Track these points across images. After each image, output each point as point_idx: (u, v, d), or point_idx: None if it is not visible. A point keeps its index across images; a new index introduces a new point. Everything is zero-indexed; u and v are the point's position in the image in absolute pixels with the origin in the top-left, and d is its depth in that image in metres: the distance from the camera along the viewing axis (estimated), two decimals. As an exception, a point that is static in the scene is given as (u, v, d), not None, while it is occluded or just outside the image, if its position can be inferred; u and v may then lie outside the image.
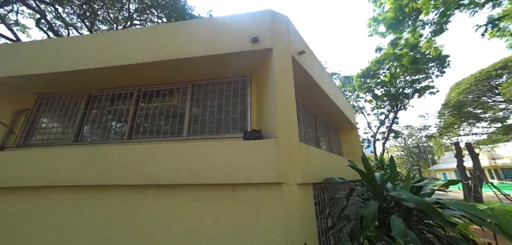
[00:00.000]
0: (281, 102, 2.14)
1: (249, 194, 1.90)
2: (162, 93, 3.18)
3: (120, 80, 3.14)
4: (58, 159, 2.34)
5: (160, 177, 2.05)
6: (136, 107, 3.19)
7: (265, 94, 2.55)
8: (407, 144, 29.99)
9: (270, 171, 1.89)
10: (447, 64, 14.78)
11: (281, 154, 1.93)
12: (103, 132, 3.22)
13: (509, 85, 15.95)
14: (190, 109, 3.00)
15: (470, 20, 9.65)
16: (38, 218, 2.19)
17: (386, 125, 19.31)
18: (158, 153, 2.15)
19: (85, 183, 2.18)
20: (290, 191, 1.85)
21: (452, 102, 19.36)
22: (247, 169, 1.94)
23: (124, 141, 2.99)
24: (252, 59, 2.60)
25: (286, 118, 2.09)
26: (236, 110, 2.86)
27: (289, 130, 2.05)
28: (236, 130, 2.76)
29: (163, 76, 3.04)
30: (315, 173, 2.35)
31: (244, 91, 2.90)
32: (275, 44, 2.39)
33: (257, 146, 2.01)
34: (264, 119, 2.49)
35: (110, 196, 2.12)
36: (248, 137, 2.29)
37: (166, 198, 2.02)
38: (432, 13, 8.08)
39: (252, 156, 1.97)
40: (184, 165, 2.05)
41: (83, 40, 3.13)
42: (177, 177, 2.03)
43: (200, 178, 1.98)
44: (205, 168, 2.01)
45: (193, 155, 2.08)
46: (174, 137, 2.89)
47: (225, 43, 2.50)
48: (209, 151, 2.06)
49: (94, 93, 3.38)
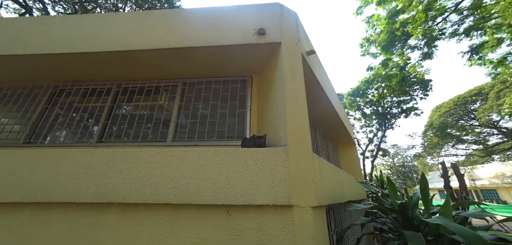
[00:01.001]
0: (292, 105, 1.78)
1: (249, 221, 1.43)
2: (146, 89, 2.70)
3: (96, 71, 2.63)
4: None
5: (129, 192, 1.52)
6: (113, 105, 2.66)
7: (269, 96, 2.18)
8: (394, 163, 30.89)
9: (278, 190, 1.45)
10: (430, 87, 15.85)
11: (292, 167, 1.51)
12: (66, 132, 2.61)
13: (484, 110, 17.26)
14: (179, 110, 2.54)
15: (456, 46, 10.52)
16: None
17: (374, 143, 19.80)
18: (130, 160, 1.63)
19: (21, 199, 1.57)
20: (304, 216, 1.41)
21: (436, 123, 20.48)
22: (247, 185, 1.49)
23: (91, 145, 2.41)
24: (256, 55, 2.27)
25: (298, 123, 1.72)
26: (233, 114, 2.45)
27: (301, 138, 1.66)
28: (232, 137, 2.33)
29: (150, 69, 2.58)
30: (327, 192, 1.94)
31: (244, 92, 2.52)
32: (284, 39, 2.09)
33: (261, 155, 1.58)
34: (266, 125, 2.10)
35: (53, 218, 1.52)
36: (248, 145, 1.87)
37: (135, 222, 1.48)
38: (420, 40, 8.59)
39: (254, 169, 1.54)
40: (164, 177, 1.55)
41: (52, 21, 2.63)
42: (152, 194, 1.51)
43: (183, 195, 1.49)
44: (191, 182, 1.52)
45: (176, 165, 1.59)
46: (156, 142, 2.38)
47: (226, 34, 2.16)
48: (198, 160, 1.60)
49: (62, 85, 2.81)
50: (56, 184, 1.58)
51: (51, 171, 1.63)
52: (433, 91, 15.64)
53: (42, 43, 2.38)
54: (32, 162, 1.71)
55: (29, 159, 1.73)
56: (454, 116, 20.11)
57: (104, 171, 1.60)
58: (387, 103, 16.95)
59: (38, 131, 2.54)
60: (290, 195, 1.45)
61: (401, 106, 16.54)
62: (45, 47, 2.34)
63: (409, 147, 28.11)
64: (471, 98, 18.88)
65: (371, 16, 9.44)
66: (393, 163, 30.87)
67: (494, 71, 9.02)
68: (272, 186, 1.47)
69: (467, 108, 19.45)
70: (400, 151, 30.75)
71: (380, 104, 17.12)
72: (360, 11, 9.67)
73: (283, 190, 1.46)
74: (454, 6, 7.79)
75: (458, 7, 7.85)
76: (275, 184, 1.48)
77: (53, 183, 1.59)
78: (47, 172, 1.63)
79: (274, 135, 1.85)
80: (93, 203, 1.51)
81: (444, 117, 20.37)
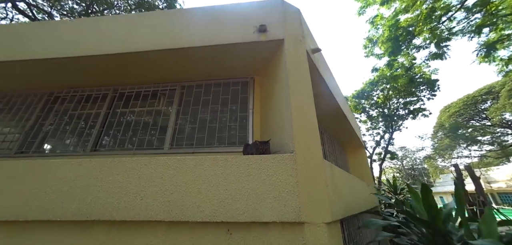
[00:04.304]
0: (298, 105, 1.59)
1: (252, 241, 1.22)
2: (143, 94, 2.57)
3: (91, 76, 2.52)
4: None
5: (117, 208, 1.34)
6: (109, 111, 2.54)
7: (272, 98, 2.01)
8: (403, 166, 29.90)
9: (286, 203, 1.25)
10: (437, 87, 15.37)
11: (301, 176, 1.31)
12: (59, 141, 2.49)
13: (496, 109, 16.56)
14: (177, 115, 2.39)
15: (458, 45, 10.15)
16: None
17: (381, 146, 19.21)
18: (119, 172, 1.46)
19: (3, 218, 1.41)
20: (317, 234, 1.20)
21: (446, 123, 19.79)
22: (250, 199, 1.29)
23: (84, 154, 2.27)
24: (257, 54, 2.11)
25: (305, 126, 1.53)
26: (234, 118, 2.28)
27: (310, 142, 1.46)
28: (233, 143, 2.15)
29: (147, 73, 2.46)
30: (341, 203, 1.71)
31: (245, 94, 2.36)
32: (287, 35, 1.92)
33: (265, 164, 1.39)
34: (271, 129, 1.91)
35: (31, 239, 1.35)
36: (250, 151, 1.68)
37: (123, 243, 1.30)
38: (426, 41, 8.33)
39: (258, 179, 1.35)
40: (156, 190, 1.38)
41: (44, 26, 2.56)
42: (143, 210, 1.33)
43: (178, 212, 1.30)
44: (186, 195, 1.34)
45: (170, 176, 1.41)
46: (153, 150, 2.22)
47: (225, 33, 2.02)
48: (194, 170, 1.42)
49: (58, 92, 2.71)
50: (36, 199, 1.43)
51: (32, 185, 1.48)
52: (440, 91, 15.20)
53: (36, 48, 2.30)
54: (16, 175, 1.56)
55: (13, 171, 1.59)
56: (464, 116, 19.38)
57: (92, 184, 1.43)
58: (393, 105, 16.53)
59: (30, 140, 2.42)
60: (300, 209, 1.24)
61: (408, 107, 16.07)
62: (39, 53, 2.26)
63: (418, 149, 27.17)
64: (481, 97, 18.19)
65: (374, 17, 9.27)
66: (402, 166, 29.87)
67: (505, 68, 8.64)
68: (279, 199, 1.27)
69: (478, 107, 18.73)
70: (409, 154, 29.76)
71: (386, 106, 16.70)
72: (363, 12, 9.55)
73: (292, 203, 1.25)
74: (460, 4, 7.54)
75: (464, 4, 7.59)
76: (282, 197, 1.28)
77: (32, 199, 1.43)
78: (29, 186, 1.48)
79: (280, 140, 1.66)
80: (77, 221, 1.34)
81: (454, 117, 19.66)
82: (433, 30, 7.84)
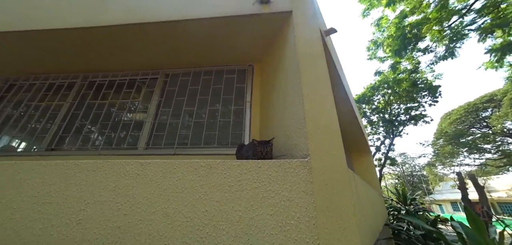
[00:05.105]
0: (312, 95, 1.16)
1: None
2: (118, 83, 2.12)
3: (54, 59, 2.07)
4: None
5: (38, 236, 0.88)
6: (74, 102, 2.08)
7: (276, 87, 1.58)
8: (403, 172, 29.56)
9: (297, 237, 0.80)
10: (439, 94, 15.15)
11: (320, 194, 0.87)
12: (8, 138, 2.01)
13: (498, 118, 16.37)
14: (157, 108, 1.94)
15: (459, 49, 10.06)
16: None
17: (382, 152, 18.86)
18: (55, 181, 1.01)
19: None
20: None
21: (447, 130, 19.57)
22: (241, 227, 0.85)
23: (42, 154, 1.81)
24: (257, 33, 1.68)
25: (323, 122, 1.09)
26: (227, 112, 1.84)
27: (330, 144, 1.03)
28: (225, 143, 1.70)
29: (124, 56, 2.02)
30: (366, 228, 1.26)
31: (242, 84, 1.92)
32: (296, 7, 1.50)
33: (265, 172, 0.95)
34: (273, 127, 1.48)
35: None
36: (245, 154, 1.24)
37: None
38: (436, 47, 8.04)
39: (253, 197, 0.90)
40: (102, 209, 0.92)
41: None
42: (78, 240, 0.87)
43: (142, 241, 0.84)
44: (146, 219, 0.89)
45: (125, 189, 0.96)
46: (123, 149, 1.76)
47: (217, 2, 1.59)
48: (161, 180, 0.97)
49: (14, 79, 2.25)
50: None
51: None
52: (442, 97, 14.97)
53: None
54: None
55: None
56: (465, 124, 19.18)
57: (9, 198, 0.97)
58: (394, 110, 16.27)
59: (-28, 135, 1.95)
60: (317, 238, 0.80)
61: (409, 113, 15.82)
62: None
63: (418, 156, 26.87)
64: (483, 105, 18.03)
65: (379, 18, 8.98)
66: (402, 172, 29.52)
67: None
68: (285, 229, 0.83)
69: (479, 115, 18.55)
70: (408, 160, 29.42)
71: (386, 111, 16.45)
72: (367, 13, 9.27)
73: (306, 237, 0.81)
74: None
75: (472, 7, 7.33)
76: (290, 226, 0.83)
77: None
78: None
79: (286, 140, 1.23)
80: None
81: (455, 124, 19.45)
82: (442, 31, 7.52)
